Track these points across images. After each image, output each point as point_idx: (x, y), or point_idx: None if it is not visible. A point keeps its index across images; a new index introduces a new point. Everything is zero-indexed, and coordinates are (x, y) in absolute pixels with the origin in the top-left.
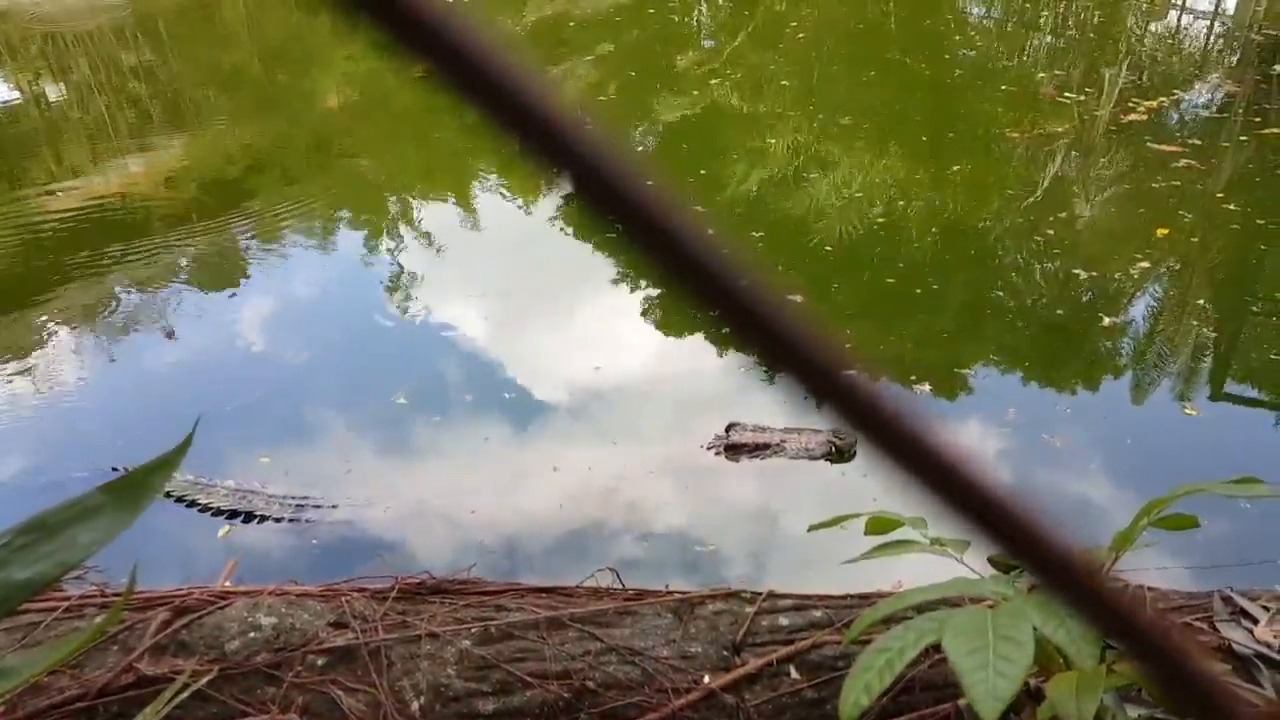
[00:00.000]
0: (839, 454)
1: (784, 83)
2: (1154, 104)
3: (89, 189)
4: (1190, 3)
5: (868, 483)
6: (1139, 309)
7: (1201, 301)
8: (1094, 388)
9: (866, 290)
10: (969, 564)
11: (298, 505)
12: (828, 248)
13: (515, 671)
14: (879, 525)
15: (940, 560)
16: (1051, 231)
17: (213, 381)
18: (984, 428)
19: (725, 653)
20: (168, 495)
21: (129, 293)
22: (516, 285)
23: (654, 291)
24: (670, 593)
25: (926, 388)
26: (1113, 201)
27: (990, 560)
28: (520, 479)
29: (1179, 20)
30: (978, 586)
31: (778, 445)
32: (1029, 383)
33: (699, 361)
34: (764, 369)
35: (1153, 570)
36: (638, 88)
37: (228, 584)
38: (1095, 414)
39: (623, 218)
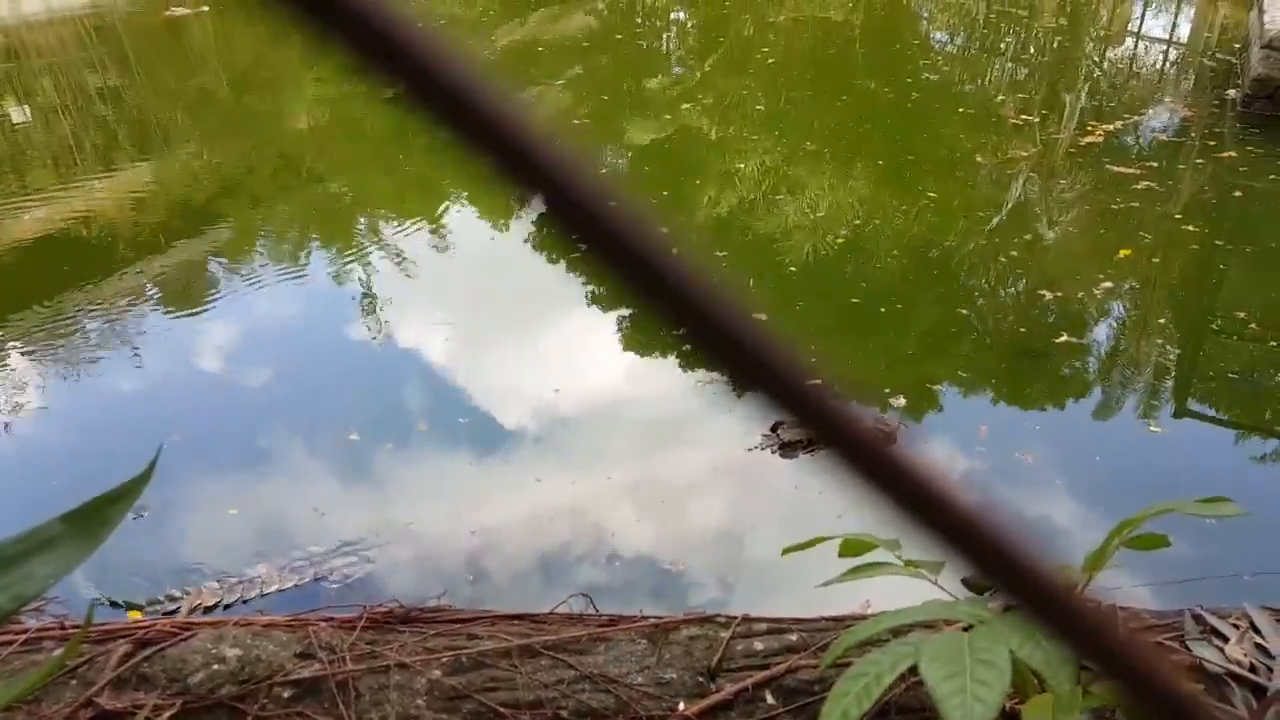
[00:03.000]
0: (886, 440)
1: (758, 107)
2: (1111, 127)
3: (53, 212)
4: (1146, 29)
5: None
6: (1103, 329)
7: (1163, 320)
8: (1061, 405)
9: (833, 311)
10: (943, 586)
11: (357, 555)
12: (792, 268)
13: (487, 701)
14: (853, 548)
15: (915, 582)
16: (1015, 253)
17: (172, 412)
18: (954, 446)
19: (700, 679)
20: (207, 611)
21: (91, 317)
22: (511, 307)
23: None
24: (645, 618)
25: (901, 400)
26: (1075, 223)
27: (964, 582)
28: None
29: (1135, 46)
30: (952, 609)
31: None
32: (998, 401)
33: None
34: (731, 386)
35: (1124, 589)
36: (608, 113)
37: (191, 614)
38: (1063, 432)
39: (594, 239)
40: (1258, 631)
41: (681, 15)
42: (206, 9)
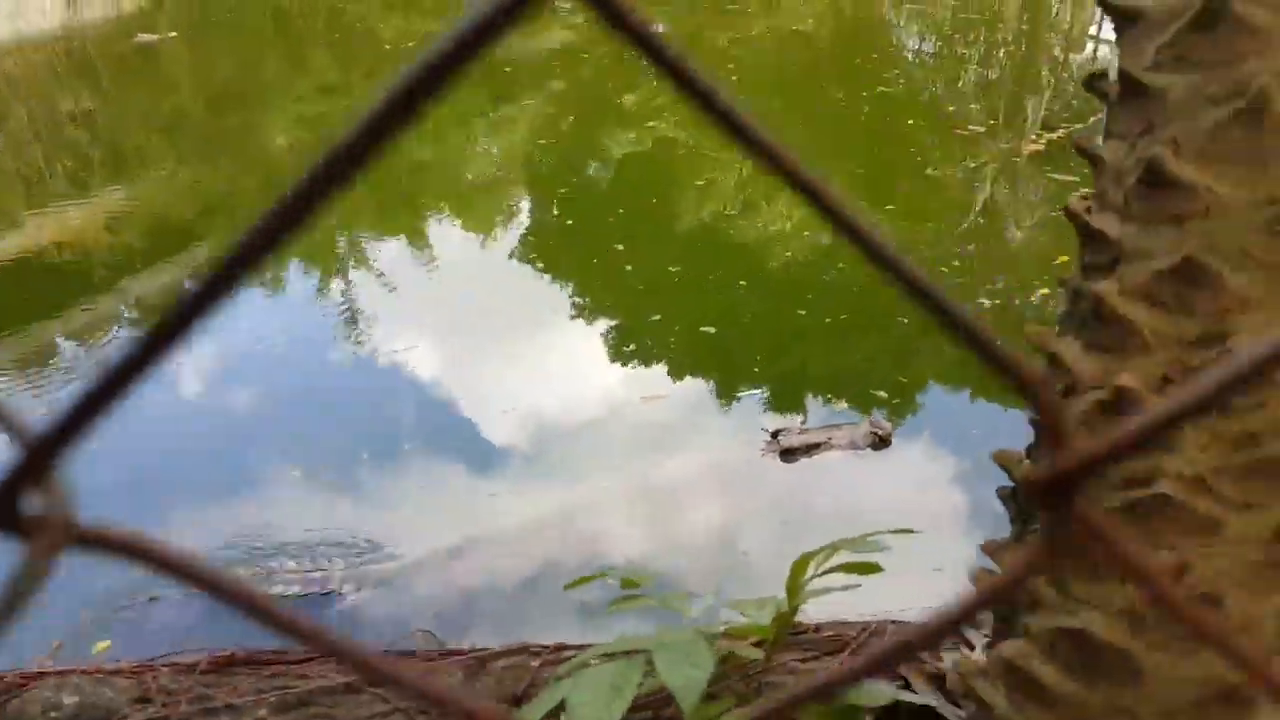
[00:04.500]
0: (881, 442)
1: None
2: (1054, 135)
3: (26, 239)
4: (1106, 33)
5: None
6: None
7: None
8: (1012, 405)
9: (808, 317)
10: (691, 616)
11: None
12: (743, 283)
13: None
14: (629, 583)
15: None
16: (956, 263)
17: (147, 440)
18: (930, 447)
19: (508, 706)
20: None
21: (67, 344)
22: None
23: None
24: (470, 651)
25: (882, 394)
26: (1016, 232)
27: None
28: None
29: (1095, 51)
30: (637, 641)
31: (827, 442)
32: (967, 403)
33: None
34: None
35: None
36: (576, 132)
37: (49, 663)
38: (1018, 430)
39: None
40: None
41: (660, 28)
42: (174, 34)
